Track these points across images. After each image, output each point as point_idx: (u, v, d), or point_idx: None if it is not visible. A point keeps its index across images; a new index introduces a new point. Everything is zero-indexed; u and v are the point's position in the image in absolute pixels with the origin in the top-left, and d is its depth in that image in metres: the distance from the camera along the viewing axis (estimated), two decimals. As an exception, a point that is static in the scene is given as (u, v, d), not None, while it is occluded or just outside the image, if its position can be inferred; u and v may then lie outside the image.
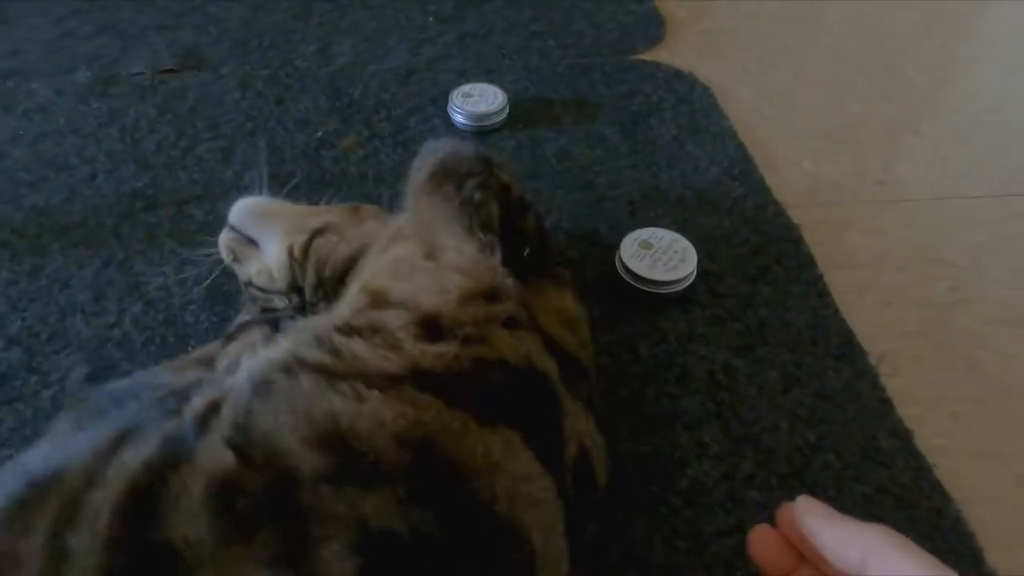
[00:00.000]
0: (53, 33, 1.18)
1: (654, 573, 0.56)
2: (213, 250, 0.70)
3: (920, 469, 0.63)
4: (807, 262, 0.82)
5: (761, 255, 0.82)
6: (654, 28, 1.24)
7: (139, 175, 0.92)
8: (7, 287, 0.77)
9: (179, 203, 0.88)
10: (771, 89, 1.12)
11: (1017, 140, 1.03)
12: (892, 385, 0.70)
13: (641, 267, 0.75)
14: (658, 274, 0.75)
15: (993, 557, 0.57)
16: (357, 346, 0.43)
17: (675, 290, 0.75)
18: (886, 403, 0.68)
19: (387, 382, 0.40)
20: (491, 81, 1.07)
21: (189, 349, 0.71)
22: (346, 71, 1.11)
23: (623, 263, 0.76)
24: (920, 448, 0.65)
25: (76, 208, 0.87)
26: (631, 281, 0.75)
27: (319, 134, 0.99)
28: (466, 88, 1.02)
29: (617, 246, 0.78)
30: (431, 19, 1.25)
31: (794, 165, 0.98)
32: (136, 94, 1.05)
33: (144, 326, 0.73)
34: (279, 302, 0.62)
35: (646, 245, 0.77)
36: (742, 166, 0.95)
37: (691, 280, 0.76)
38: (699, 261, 0.78)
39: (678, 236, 0.79)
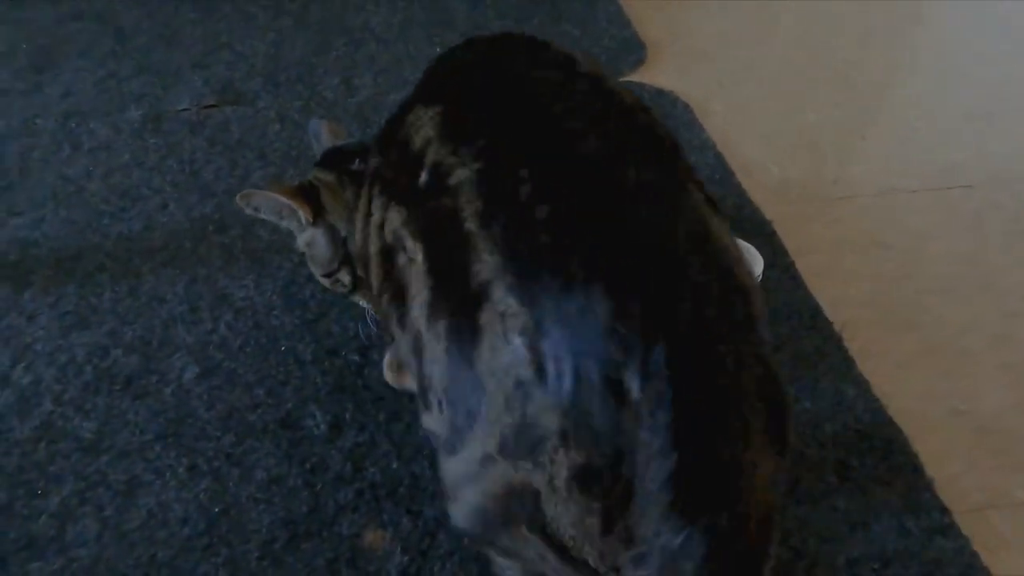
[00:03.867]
0: (98, 75, 1.29)
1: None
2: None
3: (876, 409, 0.81)
4: (780, 251, 0.99)
5: (742, 247, 0.99)
6: (636, 51, 1.41)
7: (204, 202, 1.05)
8: (114, 305, 0.90)
9: (245, 225, 1.01)
10: (740, 102, 1.30)
11: (947, 141, 1.22)
12: (853, 347, 0.88)
13: None
14: None
15: (930, 469, 0.75)
16: None
17: None
18: (849, 361, 0.86)
19: None
20: (499, 105, 1.22)
21: (282, 349, 0.85)
22: (371, 101, 1.26)
23: None
24: (876, 393, 0.82)
25: (156, 234, 1.00)
26: None
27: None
28: (481, 114, 1.18)
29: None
30: (438, 49, 1.40)
31: (763, 169, 1.16)
32: (186, 129, 1.18)
33: (237, 331, 0.87)
34: None
35: None
36: (721, 172, 1.12)
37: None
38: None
39: (749, 245, 0.92)
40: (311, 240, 0.76)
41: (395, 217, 0.55)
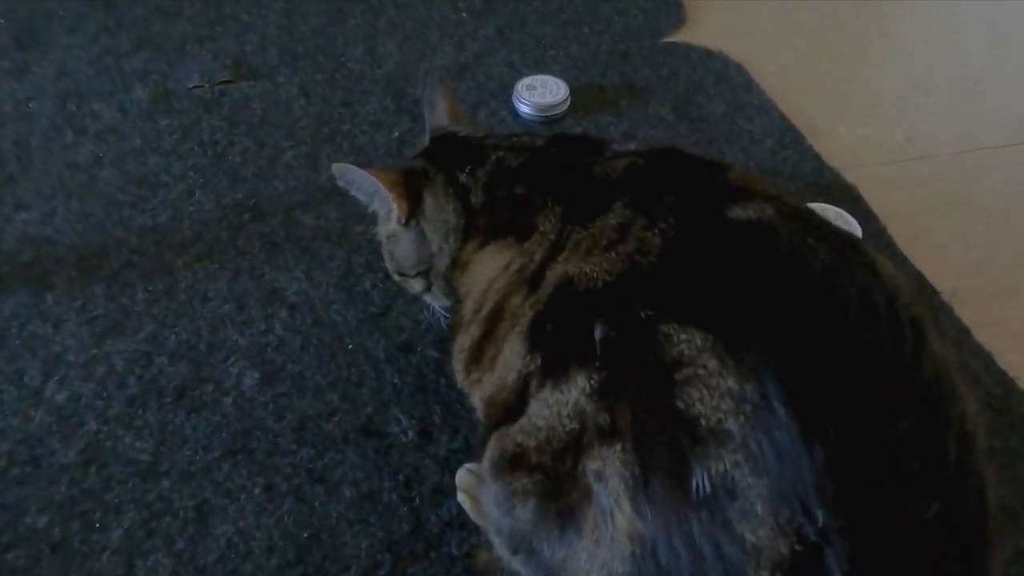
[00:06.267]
0: (93, 52, 1.16)
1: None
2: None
3: (1006, 382, 0.75)
4: (870, 216, 0.92)
5: (829, 214, 0.92)
6: (675, 11, 1.32)
7: (235, 187, 0.94)
8: (149, 306, 0.79)
9: (285, 211, 0.91)
10: (792, 61, 1.22)
11: (1016, 96, 1.16)
12: (965, 316, 0.81)
13: None
14: None
15: (1082, 445, 0.69)
16: None
17: None
18: (964, 331, 0.80)
19: None
20: (541, 71, 1.13)
21: (349, 347, 0.76)
22: (400, 71, 1.15)
23: None
24: (1001, 365, 0.76)
25: (186, 224, 0.89)
26: None
27: (396, 134, 1.03)
28: (528, 80, 1.08)
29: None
30: (464, 14, 1.29)
31: (830, 130, 1.09)
32: (201, 108, 1.07)
33: (296, 330, 0.78)
34: None
35: None
36: (791, 136, 1.05)
37: None
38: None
39: (841, 211, 0.89)
40: (395, 236, 0.66)
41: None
